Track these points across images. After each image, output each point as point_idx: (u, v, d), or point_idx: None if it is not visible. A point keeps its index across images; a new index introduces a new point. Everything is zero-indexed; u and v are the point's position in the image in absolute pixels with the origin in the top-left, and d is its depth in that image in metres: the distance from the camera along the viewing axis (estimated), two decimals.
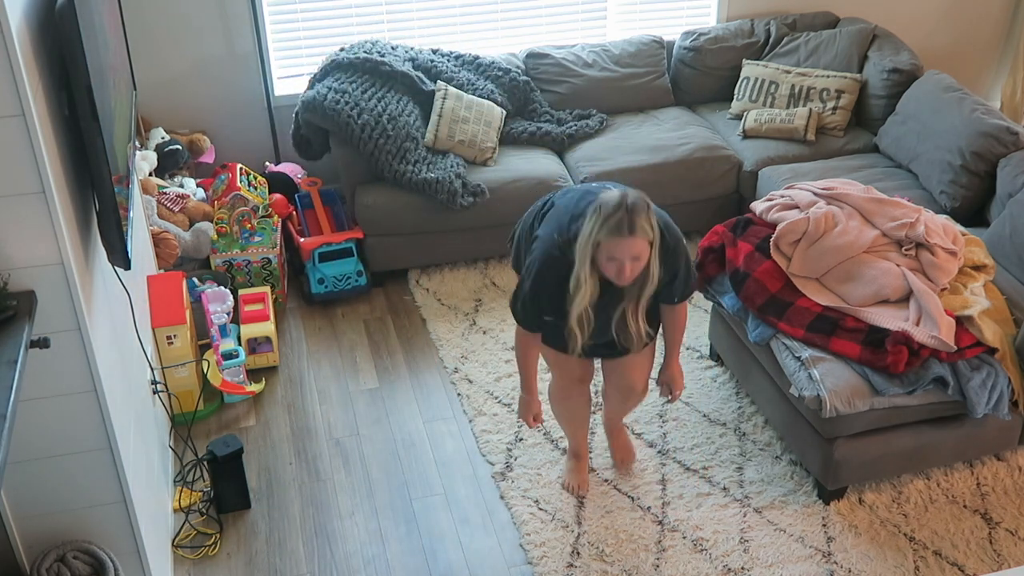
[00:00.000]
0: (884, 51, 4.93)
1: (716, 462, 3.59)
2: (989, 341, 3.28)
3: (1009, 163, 4.08)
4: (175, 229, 4.19)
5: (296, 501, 3.47)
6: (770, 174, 4.59)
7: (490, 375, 4.02)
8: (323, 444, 3.72)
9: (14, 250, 2.26)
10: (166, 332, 3.57)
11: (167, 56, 4.72)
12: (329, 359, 4.17)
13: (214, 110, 4.88)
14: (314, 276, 4.44)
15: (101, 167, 2.40)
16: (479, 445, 3.69)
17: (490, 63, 4.94)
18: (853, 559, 3.21)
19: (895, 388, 3.20)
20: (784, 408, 3.50)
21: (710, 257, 3.73)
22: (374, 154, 4.40)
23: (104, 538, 2.70)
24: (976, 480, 3.50)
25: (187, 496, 3.44)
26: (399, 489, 3.52)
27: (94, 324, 2.49)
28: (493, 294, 4.52)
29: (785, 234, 3.58)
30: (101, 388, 2.49)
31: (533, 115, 4.94)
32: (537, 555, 3.23)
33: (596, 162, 4.64)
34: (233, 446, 3.33)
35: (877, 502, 3.41)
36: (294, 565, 3.23)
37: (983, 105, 4.36)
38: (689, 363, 4.07)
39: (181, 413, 3.74)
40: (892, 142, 4.66)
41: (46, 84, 2.35)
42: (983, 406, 3.22)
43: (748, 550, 3.24)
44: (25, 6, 2.29)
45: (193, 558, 3.26)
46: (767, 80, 4.98)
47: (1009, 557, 3.23)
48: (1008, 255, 3.80)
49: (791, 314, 3.41)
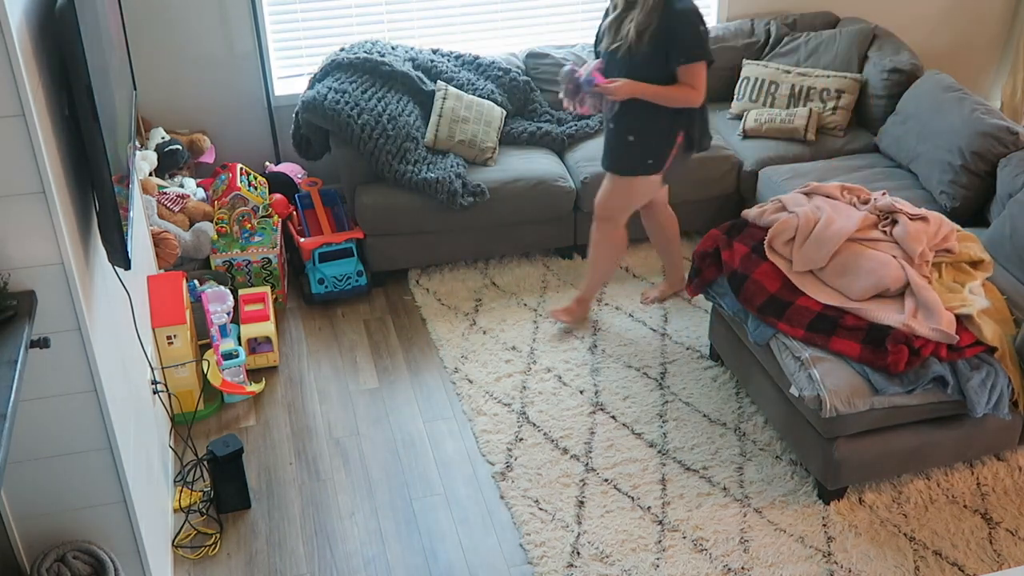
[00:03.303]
0: (884, 51, 4.93)
1: (716, 462, 3.59)
2: (989, 340, 3.28)
3: (1009, 163, 4.08)
4: (175, 229, 4.19)
5: (296, 501, 3.47)
6: (770, 174, 4.59)
7: (490, 375, 4.02)
8: (323, 444, 3.72)
9: (14, 250, 2.26)
10: (166, 332, 3.57)
11: (167, 56, 4.72)
12: (329, 359, 4.17)
13: (214, 110, 4.88)
14: (314, 276, 4.44)
15: (101, 167, 2.39)
16: (479, 445, 3.69)
17: (490, 63, 4.94)
18: (853, 559, 3.21)
19: (895, 387, 3.20)
20: (784, 408, 3.50)
21: (707, 261, 3.74)
22: (374, 154, 4.40)
23: (104, 538, 2.71)
24: (976, 480, 3.50)
25: (187, 496, 3.44)
26: (399, 489, 3.52)
27: (94, 324, 2.49)
28: (493, 294, 4.52)
29: (778, 234, 3.60)
30: (101, 388, 2.49)
31: (533, 115, 4.94)
32: (537, 555, 3.23)
33: (596, 162, 4.60)
34: (233, 446, 3.33)
35: (877, 502, 3.41)
36: (294, 565, 3.23)
37: (983, 105, 4.36)
38: (689, 363, 4.08)
39: (181, 413, 3.74)
40: (892, 142, 4.66)
41: (46, 84, 2.35)
42: (983, 406, 3.22)
43: (748, 550, 3.24)
44: (25, 6, 2.28)
45: (193, 558, 3.26)
46: (767, 80, 4.98)
47: (1009, 557, 3.23)
48: (1008, 255, 3.80)
49: (791, 314, 3.41)
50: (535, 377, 4.00)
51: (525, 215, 4.56)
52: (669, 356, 4.12)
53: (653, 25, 3.63)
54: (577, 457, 3.61)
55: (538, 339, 4.22)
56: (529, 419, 3.79)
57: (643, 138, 3.84)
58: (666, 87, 3.71)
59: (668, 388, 3.94)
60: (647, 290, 4.51)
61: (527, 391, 3.93)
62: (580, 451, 3.64)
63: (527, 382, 3.98)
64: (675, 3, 3.63)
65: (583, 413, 3.81)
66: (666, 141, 3.85)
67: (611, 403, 3.86)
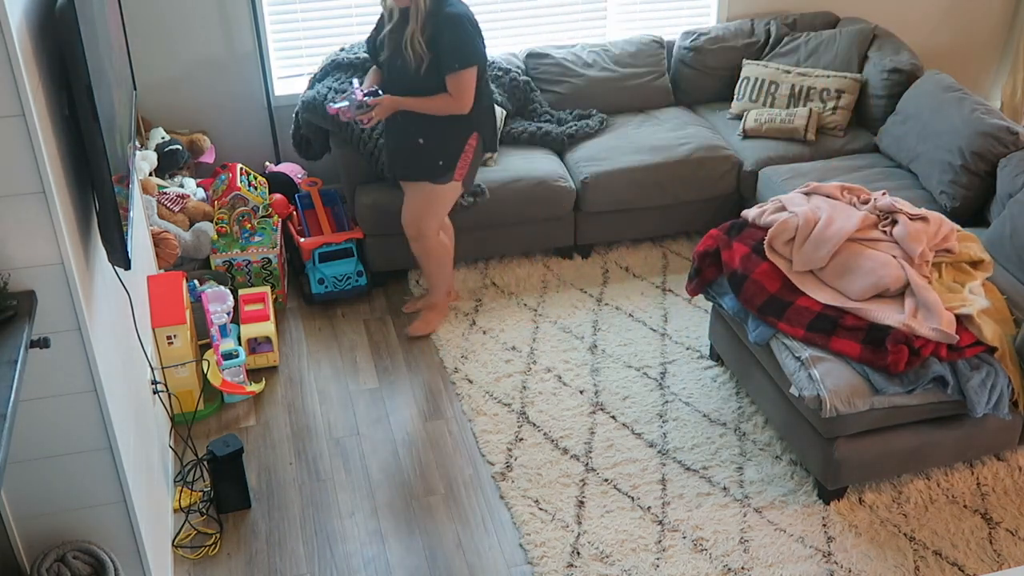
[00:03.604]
0: (884, 51, 4.93)
1: (716, 462, 3.59)
2: (989, 340, 3.28)
3: (1009, 163, 4.08)
4: (175, 229, 4.19)
5: (296, 501, 3.47)
6: (770, 174, 4.59)
7: (490, 375, 4.02)
8: (323, 444, 3.72)
9: (14, 250, 2.26)
10: (166, 332, 3.57)
11: (167, 56, 4.72)
12: (329, 359, 4.17)
13: (214, 110, 4.88)
14: (314, 276, 4.44)
15: (101, 167, 2.39)
16: (479, 445, 3.69)
17: (490, 63, 4.93)
18: (853, 559, 3.21)
19: (895, 387, 3.20)
20: (784, 408, 3.50)
21: (707, 261, 3.74)
22: (374, 154, 4.40)
23: (104, 538, 2.71)
24: (976, 480, 3.50)
25: (187, 496, 3.44)
26: (399, 489, 3.52)
27: (94, 324, 2.49)
28: (493, 294, 4.52)
29: (778, 234, 3.60)
30: (101, 388, 2.49)
31: (533, 115, 4.94)
32: (537, 555, 3.23)
33: (596, 162, 4.64)
34: (233, 446, 3.33)
35: (877, 502, 3.41)
36: (294, 565, 3.23)
37: (983, 105, 4.36)
38: (689, 363, 4.08)
39: (181, 413, 3.74)
40: (892, 142, 4.66)
41: (46, 84, 2.35)
42: (983, 406, 3.22)
43: (748, 550, 3.24)
44: (25, 6, 2.28)
45: (193, 558, 3.26)
46: (767, 80, 4.98)
47: (1009, 557, 3.23)
48: (1008, 255, 3.80)
49: (791, 314, 3.41)
50: (535, 377, 4.00)
51: (525, 215, 4.56)
52: (669, 356, 4.12)
53: (428, 33, 3.59)
54: (577, 457, 3.61)
55: (538, 339, 4.22)
56: (529, 419, 3.79)
57: (431, 141, 3.79)
58: (427, 99, 3.67)
59: (668, 388, 3.94)
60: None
61: (527, 391, 3.93)
62: (580, 451, 3.64)
63: (527, 382, 3.98)
64: (444, 9, 3.58)
65: (583, 413, 3.81)
66: (456, 143, 3.81)
67: (611, 403, 3.86)
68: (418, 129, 3.79)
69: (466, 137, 3.83)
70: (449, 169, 3.85)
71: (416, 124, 3.78)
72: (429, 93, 3.68)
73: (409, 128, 3.81)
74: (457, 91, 3.65)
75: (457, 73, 3.61)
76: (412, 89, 3.70)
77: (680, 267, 4.70)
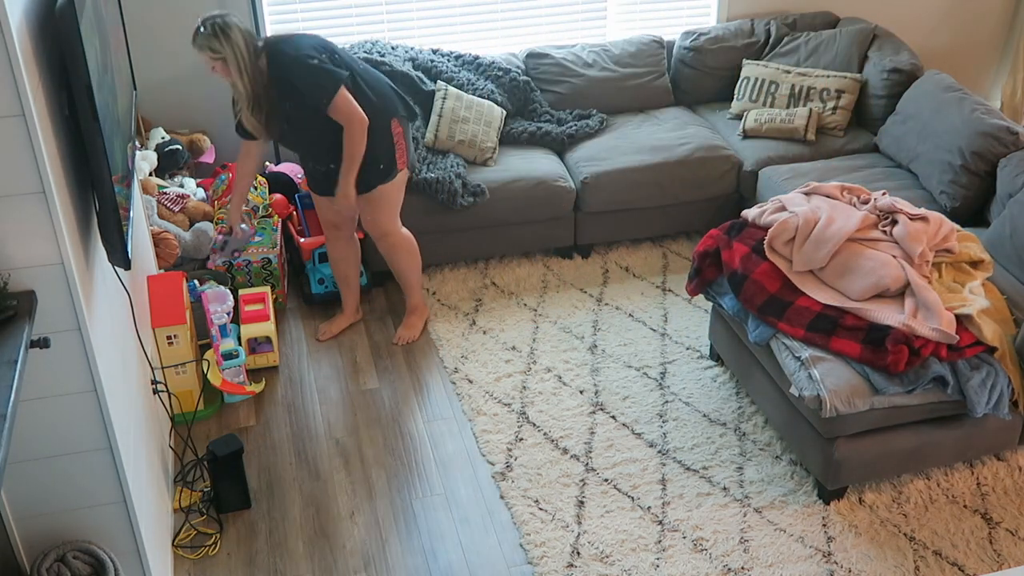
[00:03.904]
0: (884, 51, 4.93)
1: (716, 462, 3.59)
2: (989, 340, 3.28)
3: (1009, 163, 4.08)
4: (175, 229, 4.19)
5: (296, 501, 3.47)
6: (770, 174, 4.59)
7: (490, 375, 4.02)
8: (323, 444, 3.72)
9: (14, 250, 2.26)
10: (166, 332, 3.58)
11: (167, 56, 4.71)
12: (329, 359, 4.17)
13: (214, 110, 4.88)
14: (314, 276, 4.44)
15: (101, 167, 2.40)
16: (479, 445, 3.69)
17: (490, 63, 4.94)
18: (853, 559, 3.21)
19: (895, 387, 3.20)
20: (784, 408, 3.50)
21: (707, 261, 3.74)
22: None
23: (104, 538, 2.71)
24: (976, 480, 3.50)
25: (187, 496, 3.45)
26: (399, 489, 3.52)
27: (94, 324, 2.49)
28: (493, 294, 4.52)
29: (778, 234, 3.60)
30: (101, 388, 2.49)
31: (533, 115, 4.94)
32: (537, 555, 3.23)
33: (596, 162, 4.64)
34: (233, 446, 3.33)
35: (877, 502, 3.42)
36: (294, 565, 3.23)
37: (983, 105, 4.36)
38: (689, 363, 4.08)
39: (181, 413, 3.74)
40: (892, 142, 4.66)
41: (46, 84, 2.35)
42: (983, 406, 3.23)
43: (748, 550, 3.24)
44: (25, 6, 2.29)
45: (193, 558, 3.26)
46: (767, 80, 4.98)
47: (1009, 557, 3.23)
48: (1008, 255, 3.80)
49: (791, 314, 3.42)
50: (535, 377, 4.01)
51: (525, 215, 4.56)
52: (669, 356, 4.12)
53: (281, 88, 3.58)
54: (577, 457, 3.61)
55: (538, 339, 4.22)
56: (529, 419, 3.79)
57: (368, 152, 3.74)
58: (346, 149, 3.67)
59: (668, 388, 3.94)
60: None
61: (527, 391, 3.93)
62: (580, 451, 3.64)
63: (527, 382, 3.98)
64: (278, 58, 3.55)
65: (583, 413, 3.82)
66: (383, 142, 3.80)
67: (611, 403, 3.86)
68: (329, 155, 3.77)
69: (388, 129, 3.80)
70: (391, 166, 3.86)
71: (328, 152, 3.76)
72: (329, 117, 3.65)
73: (322, 157, 3.82)
74: (345, 117, 3.63)
75: (332, 104, 3.59)
76: (316, 124, 3.66)
77: (680, 267, 4.71)
